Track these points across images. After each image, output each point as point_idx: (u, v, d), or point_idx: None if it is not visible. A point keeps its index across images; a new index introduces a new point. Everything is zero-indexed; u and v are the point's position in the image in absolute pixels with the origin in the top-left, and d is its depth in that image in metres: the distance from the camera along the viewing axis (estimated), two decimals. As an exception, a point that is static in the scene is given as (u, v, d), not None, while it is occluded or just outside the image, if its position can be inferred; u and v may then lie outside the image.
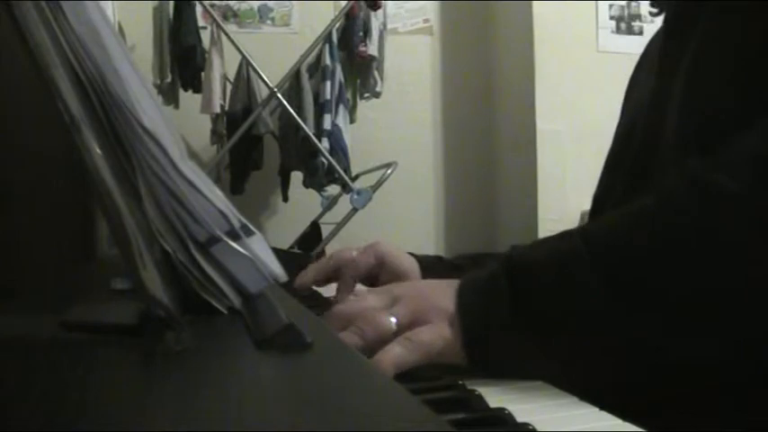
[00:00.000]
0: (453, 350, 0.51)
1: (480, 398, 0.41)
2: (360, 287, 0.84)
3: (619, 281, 0.49)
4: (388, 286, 0.60)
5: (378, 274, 0.84)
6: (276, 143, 2.99)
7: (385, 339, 0.51)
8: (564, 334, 0.49)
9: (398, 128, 3.45)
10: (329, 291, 0.91)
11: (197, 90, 2.87)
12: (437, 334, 0.51)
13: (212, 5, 2.98)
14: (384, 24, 3.03)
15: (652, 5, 0.75)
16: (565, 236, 0.53)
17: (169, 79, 2.85)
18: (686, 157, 0.57)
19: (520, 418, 0.38)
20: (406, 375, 0.49)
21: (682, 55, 0.65)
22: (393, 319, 0.52)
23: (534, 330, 0.50)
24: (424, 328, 0.51)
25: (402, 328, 0.52)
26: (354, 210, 2.71)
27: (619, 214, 0.54)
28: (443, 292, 0.54)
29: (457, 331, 0.51)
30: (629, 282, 0.49)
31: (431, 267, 0.85)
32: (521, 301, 0.50)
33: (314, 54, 2.86)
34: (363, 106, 3.18)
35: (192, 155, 3.10)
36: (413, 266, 0.83)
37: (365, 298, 0.57)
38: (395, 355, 0.49)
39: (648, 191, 0.53)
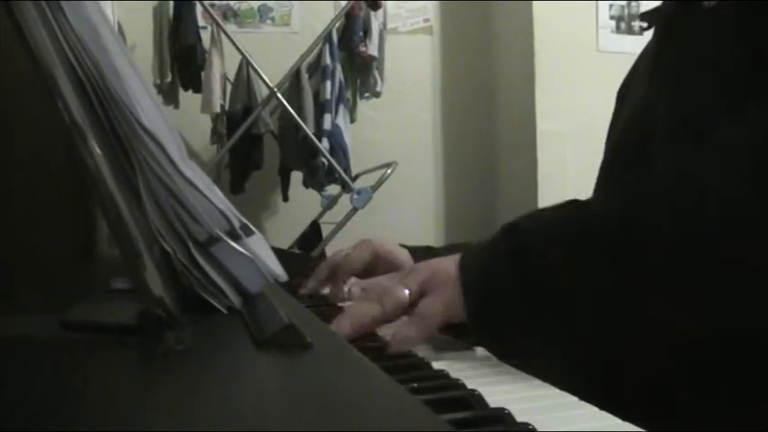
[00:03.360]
0: (456, 312, 0.56)
1: (480, 398, 0.41)
2: (354, 280, 0.86)
3: (602, 246, 0.52)
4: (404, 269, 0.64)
5: (374, 268, 0.86)
6: (276, 143, 2.99)
7: (401, 308, 0.58)
8: (560, 291, 0.52)
9: (398, 128, 3.45)
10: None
11: (197, 90, 2.86)
12: (439, 302, 0.57)
13: (212, 5, 2.98)
14: (384, 24, 3.03)
15: (642, 19, 0.77)
16: (562, 206, 0.57)
17: (169, 79, 2.85)
18: (673, 143, 0.60)
19: (520, 418, 0.38)
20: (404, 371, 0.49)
21: (673, 61, 0.67)
22: (406, 291, 0.58)
23: (530, 290, 0.53)
24: (428, 300, 0.57)
25: (414, 297, 0.58)
26: (355, 209, 2.71)
27: (613, 193, 0.58)
28: (449, 263, 0.59)
29: (458, 292, 0.56)
30: (609, 247, 0.52)
31: (423, 257, 0.87)
32: (517, 261, 0.54)
33: (314, 54, 2.86)
34: (363, 106, 3.18)
35: (192, 155, 3.10)
36: (407, 257, 0.86)
37: (381, 279, 0.65)
38: (407, 337, 0.56)
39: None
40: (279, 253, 0.57)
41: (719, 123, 0.58)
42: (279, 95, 2.73)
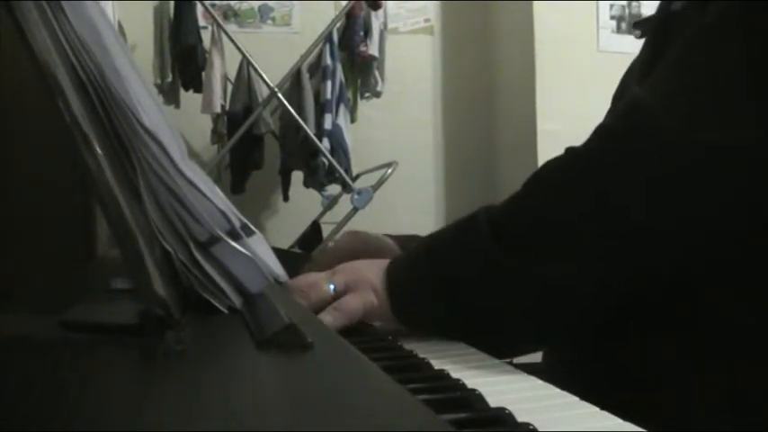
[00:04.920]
0: (380, 313, 0.65)
1: (480, 398, 0.41)
2: None
3: (504, 232, 0.63)
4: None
5: (361, 256, 0.87)
6: (277, 143, 2.99)
7: (325, 301, 0.66)
8: (465, 288, 0.62)
9: (399, 128, 3.44)
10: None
11: (197, 90, 2.86)
12: (361, 301, 0.65)
13: (213, 5, 2.98)
14: (384, 24, 3.03)
15: (635, 27, 0.79)
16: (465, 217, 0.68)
17: (170, 79, 2.85)
18: None
19: (520, 418, 0.38)
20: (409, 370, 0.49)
21: (652, 63, 0.68)
22: (332, 286, 0.67)
23: (444, 290, 0.62)
24: (350, 296, 0.65)
25: (338, 293, 0.66)
26: (355, 209, 2.71)
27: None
28: (372, 269, 0.67)
29: (384, 298, 0.65)
30: (512, 231, 0.64)
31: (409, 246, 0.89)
32: (432, 270, 0.64)
33: (314, 54, 2.86)
34: (364, 106, 3.18)
35: (193, 155, 3.10)
36: (392, 248, 0.87)
37: (313, 274, 0.72)
38: (327, 322, 0.63)
39: None
40: (279, 253, 0.59)
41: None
42: (279, 95, 2.73)
